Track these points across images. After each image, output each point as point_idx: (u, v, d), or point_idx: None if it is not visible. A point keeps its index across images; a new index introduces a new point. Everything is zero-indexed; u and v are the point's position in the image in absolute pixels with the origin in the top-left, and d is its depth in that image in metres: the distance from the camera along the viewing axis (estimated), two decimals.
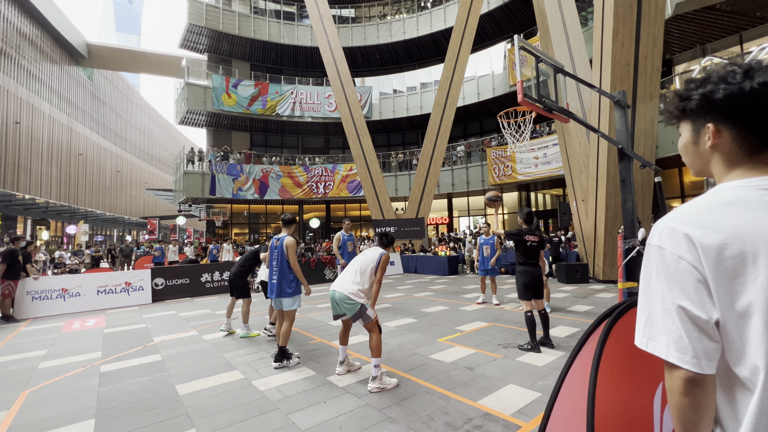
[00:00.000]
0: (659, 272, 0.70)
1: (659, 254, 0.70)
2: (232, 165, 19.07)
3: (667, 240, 0.69)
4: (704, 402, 0.66)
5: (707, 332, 0.66)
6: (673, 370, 0.68)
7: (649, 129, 8.44)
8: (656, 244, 0.71)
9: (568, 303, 6.82)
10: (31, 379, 3.78)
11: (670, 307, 0.68)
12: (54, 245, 28.23)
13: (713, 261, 0.65)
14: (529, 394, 3.00)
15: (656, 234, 0.72)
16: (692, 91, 0.77)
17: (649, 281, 0.72)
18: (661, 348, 0.69)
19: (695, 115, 0.77)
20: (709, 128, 0.74)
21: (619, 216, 8.74)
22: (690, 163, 0.81)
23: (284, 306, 3.90)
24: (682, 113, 0.79)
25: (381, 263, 3.42)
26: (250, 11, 21.41)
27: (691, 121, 0.78)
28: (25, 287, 7.19)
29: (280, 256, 3.94)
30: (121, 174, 46.75)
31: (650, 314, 0.71)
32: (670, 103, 0.82)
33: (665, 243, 0.70)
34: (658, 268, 0.71)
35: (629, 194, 3.85)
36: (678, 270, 0.67)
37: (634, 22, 7.53)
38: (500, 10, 18.52)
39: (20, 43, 28.06)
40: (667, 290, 0.69)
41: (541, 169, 15.49)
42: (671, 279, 0.68)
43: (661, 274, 0.70)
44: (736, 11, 11.03)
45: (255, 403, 2.99)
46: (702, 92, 0.75)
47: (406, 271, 13.77)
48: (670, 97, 0.82)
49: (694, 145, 0.79)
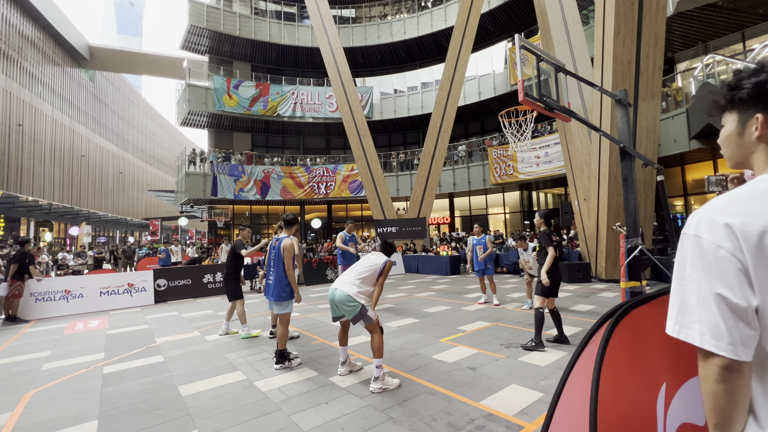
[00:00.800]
0: (695, 261, 0.70)
1: (696, 243, 0.71)
2: (234, 166, 19.10)
3: (705, 229, 0.69)
4: (740, 389, 0.67)
5: (745, 320, 0.66)
6: (708, 357, 0.68)
7: (651, 127, 8.41)
8: (693, 233, 0.71)
9: (570, 302, 6.80)
10: (35, 380, 3.79)
11: (706, 295, 0.68)
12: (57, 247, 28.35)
13: (754, 248, 0.65)
14: (531, 394, 2.99)
15: (693, 223, 0.72)
16: (743, 81, 0.76)
17: (683, 270, 0.73)
18: (694, 335, 0.69)
19: (744, 105, 0.76)
20: (757, 119, 0.74)
21: (621, 215, 8.71)
22: (730, 154, 0.81)
23: (280, 309, 3.90)
24: (730, 103, 0.79)
25: (385, 270, 3.49)
26: (251, 12, 21.44)
27: (737, 112, 0.78)
28: (29, 289, 7.23)
29: (277, 258, 3.91)
30: (123, 175, 46.90)
31: (683, 302, 0.72)
32: (717, 93, 0.81)
33: (703, 232, 0.70)
34: (694, 257, 0.71)
35: (631, 193, 3.84)
36: (717, 258, 0.68)
37: (636, 20, 7.50)
38: (501, 9, 18.48)
39: (22, 46, 28.18)
40: (704, 279, 0.69)
41: (543, 168, 15.46)
42: (709, 267, 0.68)
43: (698, 263, 0.70)
44: (738, 8, 10.98)
45: (257, 404, 2.99)
46: (755, 81, 0.74)
47: (407, 271, 13.77)
48: (717, 88, 0.82)
49: (738, 136, 0.78)
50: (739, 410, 0.67)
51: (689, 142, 10.41)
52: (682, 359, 1.11)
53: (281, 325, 3.86)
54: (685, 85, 11.46)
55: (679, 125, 10.68)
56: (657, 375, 1.05)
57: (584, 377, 1.01)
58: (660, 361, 1.08)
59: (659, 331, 1.12)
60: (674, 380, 1.07)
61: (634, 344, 1.07)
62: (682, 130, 10.58)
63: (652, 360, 1.07)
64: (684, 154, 11.17)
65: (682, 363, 1.11)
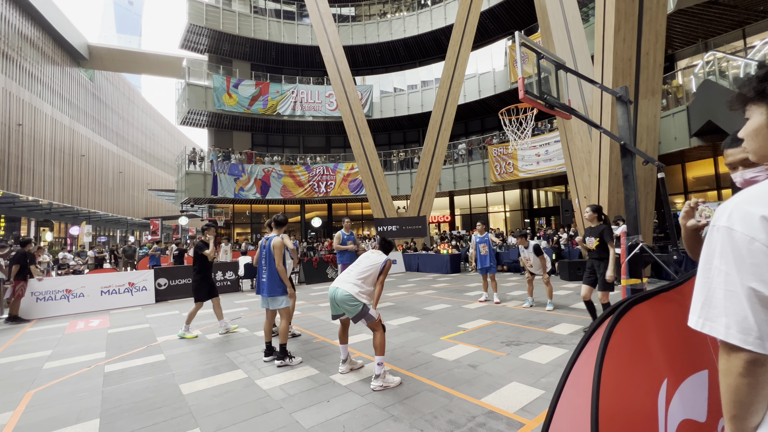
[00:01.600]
0: (725, 254, 0.69)
1: (728, 235, 0.69)
2: (234, 165, 19.10)
3: (739, 221, 0.68)
4: (763, 383, 0.66)
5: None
6: (732, 351, 0.67)
7: (651, 125, 8.39)
8: (725, 225, 0.70)
9: (571, 300, 6.81)
10: (36, 379, 3.80)
11: (736, 288, 0.67)
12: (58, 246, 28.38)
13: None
14: (532, 391, 2.99)
15: (725, 215, 0.70)
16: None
17: (711, 263, 0.71)
18: (719, 329, 0.69)
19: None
20: None
21: (621, 213, 8.70)
22: (757, 148, 0.80)
23: (276, 305, 4.02)
24: (760, 95, 0.78)
25: (385, 269, 3.49)
26: (250, 11, 21.39)
27: (767, 104, 0.77)
28: (30, 288, 7.24)
29: (268, 256, 4.05)
30: (123, 175, 46.90)
31: (708, 296, 0.71)
32: (746, 86, 0.80)
33: (736, 224, 0.68)
34: (724, 250, 0.69)
35: (632, 190, 3.83)
36: (750, 252, 0.66)
37: (636, 17, 7.47)
38: (501, 6, 18.44)
39: (22, 45, 28.14)
40: (734, 272, 0.68)
41: (543, 167, 15.44)
42: (741, 261, 0.67)
43: (728, 256, 0.69)
44: (739, 5, 10.95)
45: (258, 402, 3.00)
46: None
47: (408, 270, 13.77)
48: (744, 80, 0.81)
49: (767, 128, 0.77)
50: (761, 402, 0.67)
51: (690, 140, 10.40)
52: (683, 356, 1.11)
53: (283, 319, 3.95)
54: (685, 83, 11.44)
55: (679, 123, 10.67)
56: (658, 372, 1.05)
57: (585, 374, 1.01)
58: (661, 358, 1.08)
59: (660, 328, 1.12)
60: (675, 377, 1.07)
61: (635, 341, 1.06)
62: (682, 127, 10.57)
63: (653, 357, 1.07)
64: (684, 152, 11.16)
65: (683, 360, 1.11)
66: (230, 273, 9.81)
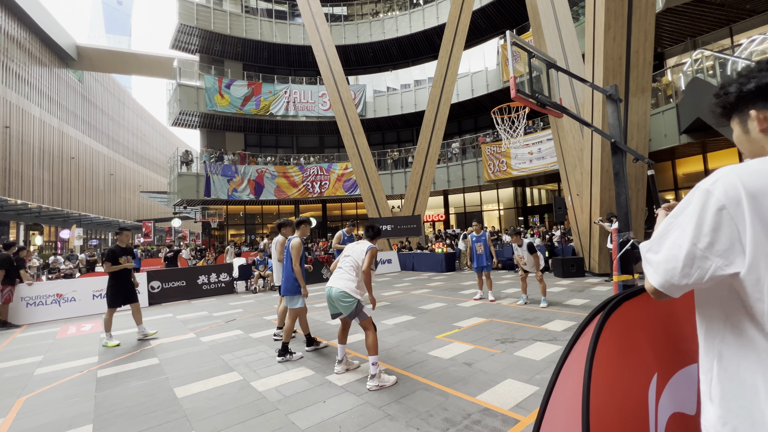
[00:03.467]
0: (692, 213, 0.75)
1: (704, 198, 0.74)
2: (227, 166, 18.97)
3: (721, 188, 0.72)
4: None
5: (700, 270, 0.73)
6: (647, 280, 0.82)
7: (641, 122, 8.49)
8: (706, 188, 0.75)
9: (564, 297, 6.87)
10: (27, 385, 3.75)
11: (683, 243, 0.75)
12: (48, 250, 27.97)
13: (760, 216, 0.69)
14: (527, 388, 3.02)
15: (712, 179, 0.75)
16: (728, 88, 0.84)
17: (678, 216, 0.78)
18: (650, 272, 0.81)
19: (736, 108, 0.84)
20: (752, 115, 0.80)
21: (613, 209, 8.79)
22: (748, 153, 0.86)
23: (292, 304, 4.23)
24: (726, 109, 0.86)
25: (368, 255, 3.44)
26: (242, 10, 21.24)
27: (737, 116, 0.85)
28: (20, 293, 7.13)
29: (287, 256, 4.22)
30: (114, 177, 46.32)
31: (660, 240, 0.81)
32: (714, 106, 0.89)
33: (717, 190, 0.72)
34: (693, 210, 0.75)
35: (623, 188, 3.87)
36: (714, 218, 0.72)
37: (626, 16, 7.53)
38: (492, 5, 18.52)
39: (8, 46, 27.66)
40: (690, 231, 0.74)
41: (536, 165, 15.55)
42: (700, 223, 0.73)
43: (693, 216, 0.74)
44: (726, 3, 11.11)
45: (254, 404, 2.98)
46: (736, 86, 0.82)
47: (403, 269, 13.80)
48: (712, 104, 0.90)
49: (745, 135, 0.84)
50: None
51: (679, 137, 10.54)
52: (672, 351, 1.13)
53: (289, 318, 4.15)
54: (674, 80, 11.59)
55: (669, 120, 10.81)
56: (648, 366, 1.07)
57: (576, 370, 1.02)
58: (651, 353, 1.09)
59: (650, 324, 1.14)
60: (665, 371, 1.09)
61: (625, 336, 1.08)
62: (672, 124, 10.71)
63: (643, 352, 1.09)
64: (674, 149, 11.31)
65: (672, 354, 1.13)
66: (224, 275, 9.75)
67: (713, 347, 0.79)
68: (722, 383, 0.76)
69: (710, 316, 0.80)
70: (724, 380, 0.76)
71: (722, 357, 0.77)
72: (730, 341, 0.76)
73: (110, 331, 5.10)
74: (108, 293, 5.18)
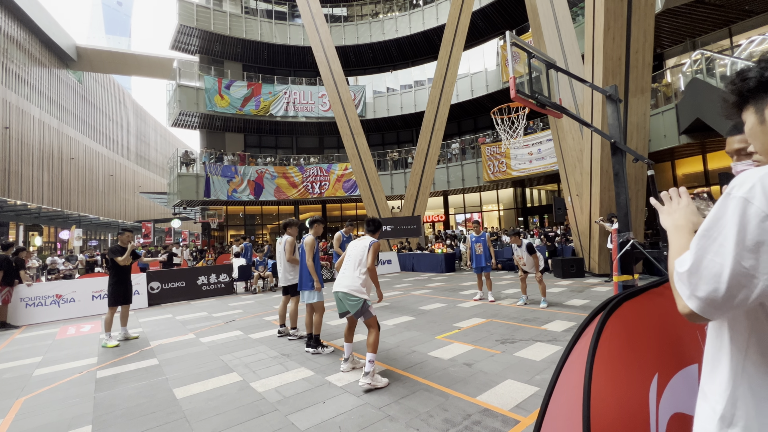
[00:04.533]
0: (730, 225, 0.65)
1: (742, 207, 0.64)
2: (227, 166, 18.96)
3: (761, 195, 0.63)
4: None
5: (747, 291, 0.64)
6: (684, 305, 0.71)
7: (641, 123, 8.50)
8: (743, 196, 0.65)
9: (564, 297, 6.87)
10: (26, 386, 3.74)
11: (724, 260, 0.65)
12: (47, 251, 27.94)
13: None
14: (527, 388, 3.01)
15: (746, 186, 0.65)
16: (747, 73, 0.78)
17: (712, 230, 0.68)
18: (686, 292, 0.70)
19: (755, 95, 0.77)
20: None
21: (612, 210, 8.80)
22: (761, 145, 0.80)
23: (307, 299, 4.36)
24: (742, 97, 0.79)
25: (370, 250, 3.41)
26: (242, 11, 21.26)
27: (753, 104, 0.78)
28: (19, 294, 7.12)
29: (302, 253, 4.46)
30: (113, 178, 46.31)
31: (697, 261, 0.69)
32: (729, 93, 0.82)
33: (756, 198, 0.63)
34: (731, 221, 0.65)
35: (622, 188, 3.87)
36: (760, 229, 0.62)
37: (625, 17, 7.57)
38: (492, 6, 18.54)
39: (8, 47, 27.66)
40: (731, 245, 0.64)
41: (536, 165, 15.56)
42: (743, 236, 0.64)
43: (732, 228, 0.65)
44: (725, 4, 11.13)
45: (254, 405, 2.98)
46: (757, 70, 0.76)
47: (403, 269, 13.79)
48: (727, 90, 0.83)
49: (761, 125, 0.78)
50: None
51: (679, 137, 10.55)
52: (673, 351, 1.13)
53: (316, 313, 4.33)
54: (674, 81, 11.61)
55: (668, 120, 10.82)
56: (649, 366, 1.07)
57: (577, 370, 1.02)
58: (651, 353, 1.09)
59: (650, 324, 1.14)
60: (666, 371, 1.08)
61: (625, 336, 1.08)
62: (671, 125, 10.72)
63: (644, 352, 1.08)
64: (674, 149, 11.32)
65: (673, 354, 1.12)
66: (224, 275, 9.74)
67: (739, 363, 0.71)
68: (747, 404, 0.68)
69: (737, 328, 0.72)
70: (749, 401, 0.68)
71: (748, 374, 0.69)
72: (755, 358, 0.68)
73: (110, 331, 5.10)
74: (109, 291, 5.20)
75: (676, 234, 0.85)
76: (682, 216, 0.88)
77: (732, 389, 0.71)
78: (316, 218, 4.67)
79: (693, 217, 0.87)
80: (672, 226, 0.88)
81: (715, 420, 0.72)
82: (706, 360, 0.79)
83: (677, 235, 0.85)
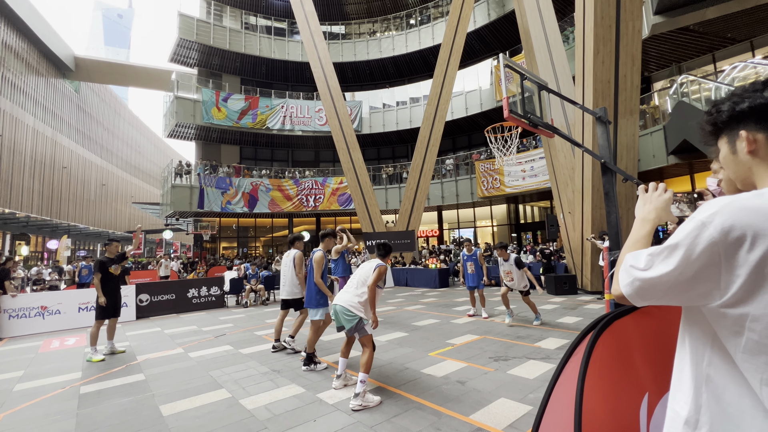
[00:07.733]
0: (682, 244, 0.70)
1: (699, 229, 0.69)
2: (221, 178, 18.93)
3: (718, 221, 0.67)
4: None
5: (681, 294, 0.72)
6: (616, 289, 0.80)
7: (630, 143, 8.71)
8: (702, 219, 0.69)
9: (557, 315, 6.87)
10: (6, 402, 3.61)
11: (669, 264, 0.72)
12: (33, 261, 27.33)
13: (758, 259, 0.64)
14: (520, 407, 2.99)
15: (709, 211, 0.69)
16: (721, 106, 0.82)
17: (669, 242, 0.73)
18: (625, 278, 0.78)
19: (728, 126, 0.82)
20: (742, 135, 0.79)
21: (604, 228, 8.91)
22: (734, 174, 0.84)
23: (311, 316, 4.27)
24: (716, 127, 0.84)
25: (375, 272, 3.44)
26: (241, 27, 21.64)
27: (726, 135, 0.83)
28: (2, 305, 6.93)
29: (310, 269, 4.34)
30: (106, 187, 45.88)
31: (643, 255, 0.77)
32: (705, 123, 0.87)
33: (714, 223, 0.67)
34: (684, 241, 0.70)
35: (613, 207, 3.95)
36: (708, 253, 0.67)
37: (614, 42, 7.86)
38: (486, 28, 19.12)
39: (5, 56, 27.72)
40: (680, 261, 0.70)
41: (529, 182, 15.77)
42: (689, 255, 0.69)
43: (683, 247, 0.70)
44: (708, 32, 11.62)
45: (242, 423, 2.91)
46: (729, 104, 0.81)
47: (397, 284, 13.71)
48: (703, 121, 0.87)
49: (732, 155, 0.82)
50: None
51: (667, 158, 10.80)
52: (664, 369, 1.14)
53: (311, 330, 4.20)
54: (661, 103, 11.97)
55: (657, 141, 11.10)
56: (640, 385, 1.08)
57: (569, 388, 1.02)
58: (642, 372, 1.10)
59: (641, 342, 1.15)
60: (657, 390, 1.09)
61: (616, 355, 1.09)
62: (660, 146, 10.99)
63: (635, 370, 1.10)
64: (663, 169, 11.58)
65: (663, 373, 1.14)
66: (215, 288, 9.60)
67: (700, 370, 0.74)
68: (711, 409, 0.72)
69: (697, 336, 0.77)
70: (713, 405, 0.72)
71: (711, 380, 0.72)
72: (717, 364, 0.72)
73: (96, 345, 4.98)
74: (97, 304, 5.08)
75: (640, 226, 0.90)
76: (653, 209, 0.92)
77: (695, 395, 0.74)
78: (328, 231, 4.58)
79: (662, 213, 0.91)
80: (640, 217, 0.92)
81: (680, 424, 0.76)
82: (674, 367, 0.82)
83: (640, 226, 0.90)
